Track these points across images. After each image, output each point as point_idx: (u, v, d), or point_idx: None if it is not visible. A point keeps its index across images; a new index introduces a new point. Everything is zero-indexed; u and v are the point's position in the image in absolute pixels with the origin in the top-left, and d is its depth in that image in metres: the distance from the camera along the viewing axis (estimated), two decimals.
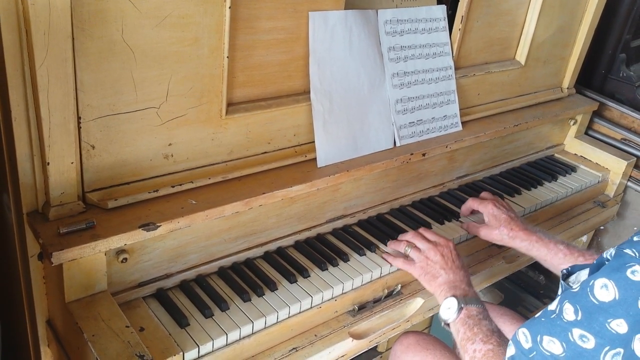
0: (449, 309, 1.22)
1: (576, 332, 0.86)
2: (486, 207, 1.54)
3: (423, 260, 1.36)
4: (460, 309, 1.19)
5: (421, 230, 1.46)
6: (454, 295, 1.23)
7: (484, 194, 1.63)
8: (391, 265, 1.45)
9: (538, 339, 0.90)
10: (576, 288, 0.89)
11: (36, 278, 1.20)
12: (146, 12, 1.09)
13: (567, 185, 2.01)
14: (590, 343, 0.84)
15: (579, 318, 0.86)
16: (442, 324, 1.23)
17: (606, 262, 0.96)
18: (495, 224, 1.50)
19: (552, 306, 0.93)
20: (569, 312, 0.88)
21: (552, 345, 0.88)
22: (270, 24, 1.29)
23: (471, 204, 1.61)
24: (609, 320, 0.83)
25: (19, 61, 1.00)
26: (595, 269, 0.98)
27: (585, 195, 2.07)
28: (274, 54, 1.33)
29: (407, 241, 1.43)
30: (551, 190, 1.96)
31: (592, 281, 0.86)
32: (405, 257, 1.43)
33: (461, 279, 1.31)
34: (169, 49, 1.15)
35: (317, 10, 1.36)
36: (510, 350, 0.95)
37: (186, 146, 1.26)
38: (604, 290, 0.84)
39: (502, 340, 1.09)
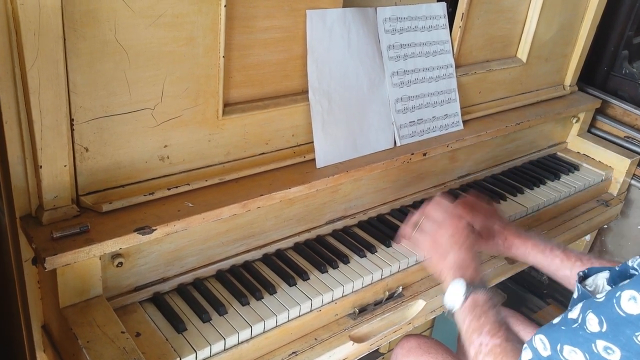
0: (454, 295, 1.14)
1: (600, 343, 0.83)
2: (477, 220, 1.41)
3: (430, 239, 1.27)
4: (467, 297, 1.12)
5: (428, 207, 1.34)
6: (461, 280, 1.15)
7: (471, 200, 1.47)
8: (391, 266, 1.43)
9: (558, 347, 0.88)
10: (601, 298, 0.86)
11: (30, 283, 1.18)
12: (139, 11, 1.07)
13: (570, 184, 1.99)
14: (615, 355, 0.82)
15: (603, 330, 0.83)
16: (446, 313, 1.18)
17: (631, 271, 0.93)
18: (489, 236, 1.41)
19: (573, 314, 0.90)
20: (592, 323, 0.85)
21: (573, 355, 0.86)
22: (267, 22, 1.27)
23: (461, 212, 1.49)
24: (636, 334, 0.80)
25: (9, 63, 0.98)
26: (617, 276, 0.95)
27: (589, 194, 2.04)
28: (271, 53, 1.31)
29: (415, 222, 1.33)
30: (554, 189, 1.93)
31: (619, 292, 0.83)
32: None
33: (471, 258, 1.21)
34: (164, 49, 1.13)
35: (314, 9, 1.34)
36: (527, 354, 0.92)
37: (182, 148, 1.24)
38: (632, 302, 0.81)
39: (510, 335, 1.04)
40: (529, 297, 2.53)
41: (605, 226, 2.24)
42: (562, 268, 1.32)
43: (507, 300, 2.49)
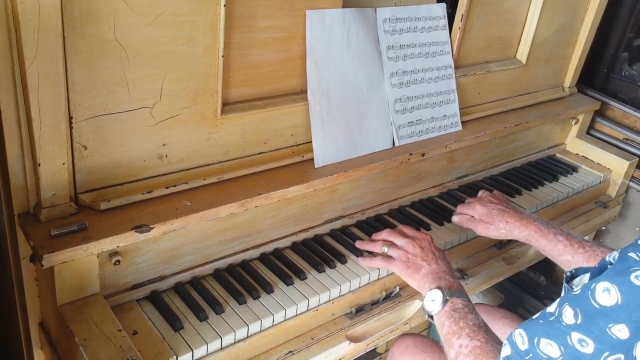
0: (433, 301, 1.18)
1: (575, 336, 0.84)
2: (474, 210, 1.50)
3: (403, 255, 1.33)
4: (445, 302, 1.16)
5: (398, 228, 1.43)
6: (438, 287, 1.20)
7: (469, 199, 1.59)
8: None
9: (535, 341, 0.88)
10: (577, 291, 0.87)
11: (28, 280, 1.18)
12: (139, 10, 1.07)
13: (569, 186, 1.99)
14: (589, 348, 0.83)
15: (578, 322, 0.84)
16: (426, 316, 1.21)
17: (609, 266, 0.94)
18: (490, 221, 1.47)
19: (551, 308, 0.91)
20: (568, 315, 0.86)
21: (549, 348, 0.86)
22: (267, 22, 1.27)
23: (460, 209, 1.56)
24: (609, 325, 0.81)
25: (9, 60, 0.98)
26: (597, 273, 0.96)
27: (587, 195, 2.04)
28: (271, 52, 1.31)
29: (383, 240, 1.41)
30: (552, 191, 1.94)
31: (594, 284, 0.84)
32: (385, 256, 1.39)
33: (444, 269, 1.27)
34: (163, 48, 1.13)
35: (314, 9, 1.34)
36: (506, 351, 0.93)
37: (181, 146, 1.24)
38: (606, 294, 0.82)
39: (489, 337, 1.06)
40: (526, 298, 2.54)
41: (603, 228, 2.25)
42: (565, 253, 1.35)
43: (505, 301, 2.50)
